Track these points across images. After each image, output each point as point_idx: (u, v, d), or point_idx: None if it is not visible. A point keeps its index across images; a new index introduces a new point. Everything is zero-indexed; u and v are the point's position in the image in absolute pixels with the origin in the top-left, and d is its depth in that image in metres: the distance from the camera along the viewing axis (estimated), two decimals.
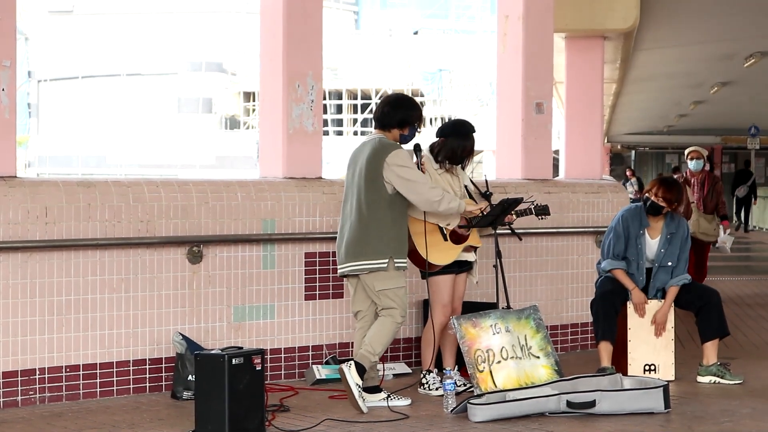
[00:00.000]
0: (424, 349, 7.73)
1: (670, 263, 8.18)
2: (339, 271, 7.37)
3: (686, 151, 12.53)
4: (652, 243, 8.22)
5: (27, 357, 7.14)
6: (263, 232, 8.00)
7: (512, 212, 7.81)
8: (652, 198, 8.17)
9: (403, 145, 7.33)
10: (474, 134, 7.78)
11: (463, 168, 7.86)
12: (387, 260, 7.16)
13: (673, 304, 8.18)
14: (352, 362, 7.07)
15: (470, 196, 7.76)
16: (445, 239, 7.55)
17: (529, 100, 9.69)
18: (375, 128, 7.45)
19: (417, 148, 7.46)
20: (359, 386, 7.03)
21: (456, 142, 7.68)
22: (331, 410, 7.08)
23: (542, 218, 8.23)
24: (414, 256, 7.53)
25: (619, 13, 11.39)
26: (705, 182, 12.26)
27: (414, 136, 7.42)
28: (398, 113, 7.33)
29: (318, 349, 8.24)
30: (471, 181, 8.01)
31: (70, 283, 7.28)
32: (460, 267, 7.68)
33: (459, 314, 7.59)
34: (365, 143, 7.35)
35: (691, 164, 12.35)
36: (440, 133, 7.76)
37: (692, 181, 12.27)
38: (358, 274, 7.25)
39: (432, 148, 7.74)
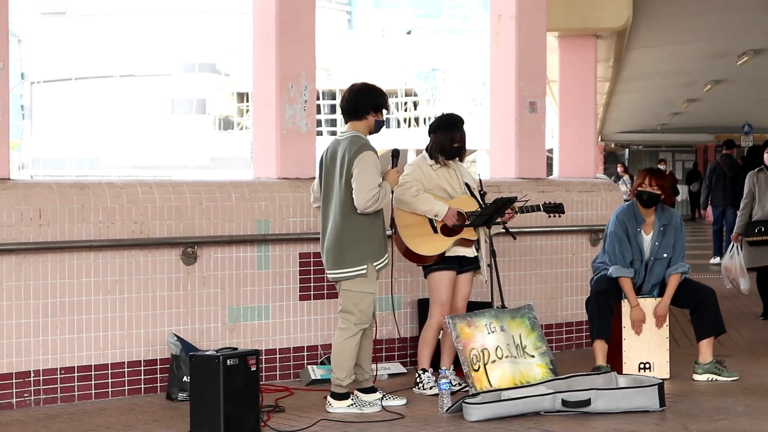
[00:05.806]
0: (420, 348, 7.72)
1: (665, 255, 8.15)
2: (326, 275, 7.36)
3: None
4: (647, 239, 8.21)
5: (22, 359, 7.13)
6: (257, 232, 8.00)
7: (517, 210, 7.77)
8: (648, 189, 8.13)
9: (383, 149, 7.27)
10: (461, 125, 7.76)
11: (461, 160, 7.84)
12: (366, 266, 7.08)
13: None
14: (328, 398, 7.09)
15: (471, 194, 7.74)
16: (435, 231, 7.54)
17: (522, 99, 9.69)
18: (347, 121, 7.21)
19: (395, 154, 7.31)
20: (352, 404, 7.05)
21: (442, 136, 7.69)
22: (326, 410, 7.08)
23: (553, 216, 8.21)
24: (406, 251, 7.52)
25: (611, 11, 11.39)
26: None
27: (383, 123, 7.26)
28: (371, 99, 7.16)
29: (313, 349, 8.24)
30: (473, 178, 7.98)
31: (65, 285, 7.27)
32: (461, 264, 7.68)
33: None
34: (338, 141, 7.16)
35: None
36: (430, 130, 7.78)
37: None
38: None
39: (426, 147, 7.75)
